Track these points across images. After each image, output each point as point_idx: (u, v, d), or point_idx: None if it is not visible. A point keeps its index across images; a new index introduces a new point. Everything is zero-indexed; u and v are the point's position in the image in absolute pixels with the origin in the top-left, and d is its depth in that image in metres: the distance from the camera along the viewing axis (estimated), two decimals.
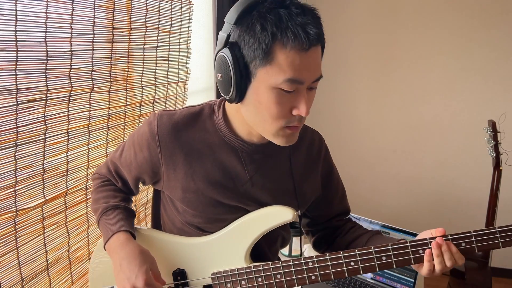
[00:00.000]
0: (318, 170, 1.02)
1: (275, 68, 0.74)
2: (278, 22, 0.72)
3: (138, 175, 0.97)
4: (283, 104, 0.78)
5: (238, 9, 0.75)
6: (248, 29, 0.74)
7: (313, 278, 0.86)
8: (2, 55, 1.03)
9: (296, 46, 0.72)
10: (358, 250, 0.84)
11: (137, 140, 0.94)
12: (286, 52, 0.72)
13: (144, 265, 0.86)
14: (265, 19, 0.72)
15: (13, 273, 1.12)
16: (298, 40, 0.72)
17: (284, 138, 0.83)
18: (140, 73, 1.65)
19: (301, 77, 0.75)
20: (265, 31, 0.72)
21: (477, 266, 2.05)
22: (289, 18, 0.72)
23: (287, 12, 0.72)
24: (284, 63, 0.73)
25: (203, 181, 0.90)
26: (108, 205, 0.98)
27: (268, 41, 0.72)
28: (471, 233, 0.80)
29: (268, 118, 0.79)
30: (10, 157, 1.08)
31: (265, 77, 0.75)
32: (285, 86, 0.75)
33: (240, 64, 0.76)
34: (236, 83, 0.77)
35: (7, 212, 1.09)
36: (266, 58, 0.73)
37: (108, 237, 0.92)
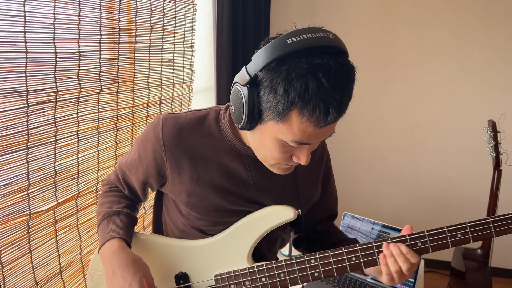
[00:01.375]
0: (319, 175, 1.03)
1: (286, 128, 0.73)
2: (302, 93, 0.68)
3: (145, 180, 0.96)
4: (285, 152, 0.79)
5: (268, 56, 0.71)
6: (271, 84, 0.71)
7: (316, 275, 0.86)
8: (12, 56, 1.03)
9: (312, 121, 0.70)
10: (359, 246, 0.85)
11: (142, 144, 0.93)
12: (300, 120, 0.71)
13: (138, 273, 0.85)
14: (290, 84, 0.68)
15: (27, 276, 1.12)
16: (315, 117, 0.70)
17: (280, 169, 0.85)
18: (146, 74, 1.65)
19: (309, 141, 0.75)
20: (287, 96, 0.69)
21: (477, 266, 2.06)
22: (315, 92, 0.68)
23: (316, 85, 0.68)
24: (296, 129, 0.72)
25: (208, 185, 0.90)
26: (110, 210, 0.97)
27: (286, 106, 0.70)
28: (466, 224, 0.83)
29: (269, 157, 0.82)
30: (22, 159, 1.08)
31: (274, 129, 0.75)
32: (291, 143, 0.76)
33: (255, 108, 0.75)
34: (247, 121, 0.76)
35: (21, 216, 1.09)
36: (281, 117, 0.72)
37: (102, 243, 0.92)
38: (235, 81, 0.79)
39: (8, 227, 1.05)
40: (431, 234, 0.83)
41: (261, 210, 0.92)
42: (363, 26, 2.86)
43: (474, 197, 2.82)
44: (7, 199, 1.04)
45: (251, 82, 0.74)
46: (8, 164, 1.04)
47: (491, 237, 0.82)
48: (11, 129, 1.04)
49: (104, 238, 0.92)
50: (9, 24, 1.01)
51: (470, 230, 0.82)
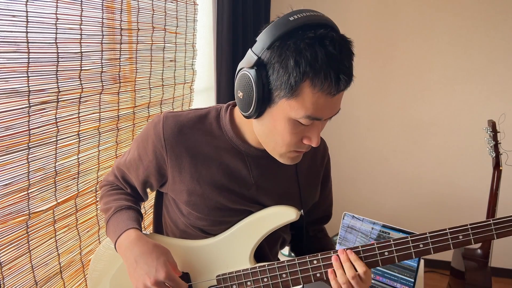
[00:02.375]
0: (319, 176, 1.04)
1: (298, 103, 0.73)
2: (312, 62, 0.69)
3: (146, 179, 0.96)
4: (297, 134, 0.78)
5: (274, 33, 0.72)
6: (280, 59, 0.72)
7: (318, 275, 0.87)
8: (14, 56, 1.03)
9: (324, 90, 0.71)
10: (361, 247, 0.85)
11: (143, 143, 0.93)
12: (313, 92, 0.72)
13: (161, 257, 0.85)
14: (300, 55, 0.70)
15: (26, 276, 1.13)
16: (327, 85, 0.71)
17: (289, 159, 0.84)
18: (148, 74, 1.65)
19: (320, 115, 0.75)
20: (298, 67, 0.70)
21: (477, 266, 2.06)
22: (325, 60, 0.69)
23: (324, 52, 0.69)
24: (308, 101, 0.73)
25: (209, 184, 0.90)
26: (121, 204, 0.97)
27: (298, 78, 0.71)
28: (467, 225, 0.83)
29: (280, 142, 0.81)
30: (23, 159, 1.08)
31: (286, 108, 0.75)
32: (303, 121, 0.75)
33: (264, 89, 0.75)
34: (256, 105, 0.76)
35: (20, 216, 1.09)
36: (292, 92, 0.72)
37: (119, 234, 0.91)
38: (240, 67, 0.79)
39: (7, 227, 1.05)
40: (432, 235, 0.83)
41: (264, 210, 0.93)
42: (363, 26, 2.86)
43: (474, 197, 2.82)
44: (6, 199, 1.04)
45: (258, 64, 0.75)
46: (9, 164, 1.04)
47: (492, 239, 0.83)
48: (12, 129, 1.04)
49: (119, 230, 0.92)
50: (11, 24, 1.01)
51: (471, 232, 0.82)
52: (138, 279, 0.85)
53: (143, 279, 0.83)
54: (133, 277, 0.86)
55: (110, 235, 0.96)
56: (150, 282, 0.82)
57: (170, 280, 0.83)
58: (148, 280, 0.83)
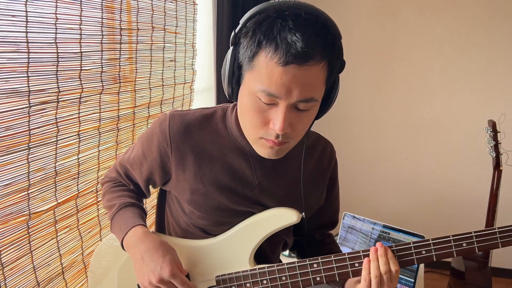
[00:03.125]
0: (325, 180, 1.03)
1: (255, 75, 0.74)
2: (267, 31, 0.71)
3: (149, 176, 0.96)
4: (260, 113, 0.77)
5: (250, 13, 0.75)
6: (245, 33, 0.75)
7: (318, 279, 0.86)
8: (14, 56, 1.03)
9: (274, 59, 0.70)
10: (362, 252, 0.85)
11: (147, 140, 0.93)
12: (265, 61, 0.71)
13: (167, 255, 0.85)
14: (259, 26, 0.72)
15: (29, 277, 1.12)
16: (277, 53, 0.70)
17: (263, 149, 0.82)
18: (148, 74, 1.65)
19: (276, 91, 0.72)
20: (254, 37, 0.72)
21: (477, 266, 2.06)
22: (280, 30, 0.70)
23: (282, 24, 0.70)
24: (263, 72, 0.72)
25: (212, 184, 0.90)
26: (125, 201, 0.97)
27: (253, 47, 0.73)
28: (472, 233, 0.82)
29: (247, 123, 0.81)
30: (23, 160, 1.08)
31: (248, 81, 0.76)
32: (261, 96, 0.74)
33: (234, 65, 0.78)
34: (229, 81, 0.79)
35: (20, 216, 1.08)
36: (251, 63, 0.74)
37: (126, 231, 0.91)
38: None
39: (7, 227, 1.05)
40: (435, 242, 0.82)
41: (265, 212, 0.92)
42: (363, 26, 2.86)
43: (474, 197, 2.82)
44: (7, 199, 1.04)
45: (234, 42, 0.78)
46: (9, 164, 1.04)
47: (496, 247, 0.81)
48: (12, 129, 1.04)
49: (126, 227, 0.92)
50: (11, 24, 1.00)
51: (476, 240, 0.81)
52: (143, 276, 0.85)
53: (148, 276, 0.84)
54: (139, 274, 0.87)
55: (116, 232, 0.96)
56: (155, 279, 0.83)
57: (174, 278, 0.83)
58: (153, 277, 0.83)
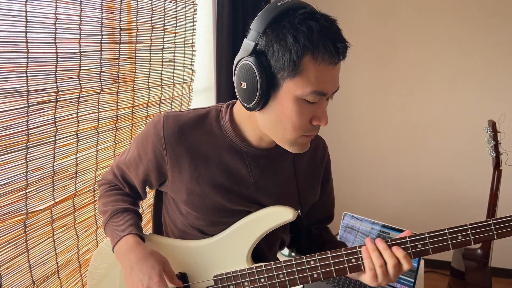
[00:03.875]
0: (319, 176, 1.03)
1: (303, 80, 0.74)
2: (310, 35, 0.72)
3: (145, 178, 0.96)
4: (305, 114, 0.79)
5: (266, 18, 0.75)
6: (278, 39, 0.73)
7: (315, 276, 0.86)
8: (13, 56, 1.03)
9: (326, 60, 0.73)
10: (358, 248, 0.85)
11: (142, 142, 0.93)
12: (316, 65, 0.73)
13: (157, 266, 0.85)
14: (297, 30, 0.72)
15: (24, 275, 1.13)
16: (328, 54, 0.73)
17: (300, 146, 0.84)
18: (147, 74, 1.65)
19: (326, 89, 0.76)
20: (297, 42, 0.72)
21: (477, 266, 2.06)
22: (320, 32, 0.72)
23: (318, 25, 0.72)
24: (312, 76, 0.74)
25: (208, 184, 0.90)
26: (118, 207, 0.97)
27: (300, 53, 0.72)
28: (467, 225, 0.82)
29: (289, 127, 0.80)
30: (21, 159, 1.08)
31: (291, 88, 0.76)
32: (310, 98, 0.76)
33: (267, 73, 0.75)
34: (262, 93, 0.76)
35: (18, 215, 1.09)
36: (296, 69, 0.73)
37: (117, 240, 0.91)
38: (238, 59, 0.80)
39: (4, 226, 1.05)
40: (431, 236, 0.83)
41: (261, 210, 0.92)
42: (363, 25, 2.86)
43: (474, 197, 2.82)
44: (4, 199, 1.05)
45: (256, 50, 0.76)
46: (7, 163, 1.04)
47: (492, 239, 0.82)
48: (11, 129, 1.04)
49: (118, 235, 0.92)
50: (10, 24, 1.01)
51: (471, 232, 0.82)
52: (132, 286, 0.86)
53: (137, 286, 0.84)
54: (128, 283, 0.87)
55: (109, 238, 0.96)
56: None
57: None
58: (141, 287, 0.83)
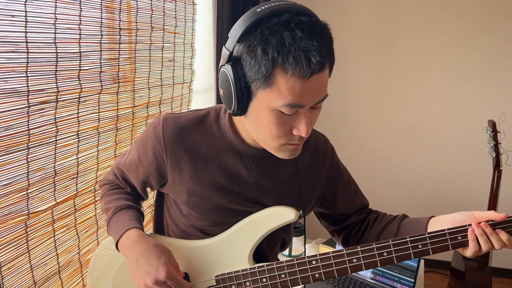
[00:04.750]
0: (323, 171, 1.02)
1: (275, 92, 0.72)
2: (280, 47, 0.68)
3: (145, 179, 0.96)
4: (283, 125, 0.77)
5: (242, 26, 0.72)
6: (249, 50, 0.72)
7: (317, 276, 0.86)
8: (13, 56, 1.03)
9: (296, 74, 0.69)
10: (360, 247, 0.85)
11: (142, 144, 0.93)
12: (286, 78, 0.70)
13: (162, 257, 0.85)
14: (267, 42, 0.69)
15: (25, 276, 1.13)
16: (299, 68, 0.69)
17: (286, 152, 0.83)
18: (147, 74, 1.65)
19: (301, 102, 0.73)
20: (266, 55, 0.69)
21: (477, 266, 2.06)
22: (292, 43, 0.68)
23: (291, 36, 0.68)
24: (284, 88, 0.71)
25: (209, 185, 0.89)
26: (121, 204, 0.97)
27: (268, 65, 0.70)
28: None
29: (268, 136, 0.79)
30: (22, 159, 1.08)
31: (265, 99, 0.74)
32: (284, 110, 0.74)
33: (241, 83, 0.74)
34: (237, 100, 0.76)
35: (19, 216, 1.09)
36: (267, 81, 0.71)
37: (120, 234, 0.91)
38: (220, 65, 0.79)
39: (6, 227, 1.05)
40: (431, 236, 0.83)
41: (262, 211, 0.92)
42: (363, 26, 2.86)
43: (474, 197, 2.82)
44: (6, 199, 1.05)
45: (232, 58, 0.75)
46: (9, 164, 1.04)
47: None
48: (12, 129, 1.04)
49: (121, 230, 0.92)
50: (10, 24, 1.01)
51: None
52: (139, 279, 0.85)
53: (144, 278, 0.84)
54: (135, 277, 0.86)
55: (112, 235, 0.96)
56: (151, 281, 0.82)
57: (170, 279, 0.83)
58: (148, 279, 0.83)
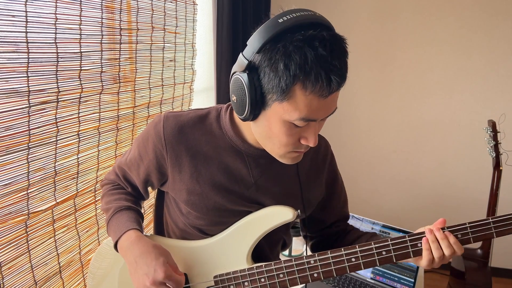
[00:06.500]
0: (323, 176, 1.02)
1: (291, 106, 0.73)
2: (302, 64, 0.69)
3: (146, 178, 0.97)
4: (293, 135, 0.78)
5: (263, 36, 0.72)
6: (270, 63, 0.72)
7: (315, 275, 0.86)
8: (14, 56, 1.03)
9: (316, 92, 0.71)
10: (358, 246, 0.85)
11: (143, 142, 0.93)
12: (305, 94, 0.71)
13: (161, 258, 0.85)
14: (289, 58, 0.69)
15: (26, 276, 1.13)
16: (319, 87, 0.70)
17: (290, 159, 0.84)
18: (148, 74, 1.65)
19: (315, 116, 0.75)
20: (288, 71, 0.70)
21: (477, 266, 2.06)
22: (315, 61, 0.69)
23: (314, 54, 0.69)
24: (301, 104, 0.72)
25: (208, 184, 0.90)
26: (121, 205, 0.98)
27: (289, 81, 0.70)
28: (466, 224, 0.83)
29: (277, 144, 0.81)
30: (23, 159, 1.08)
31: (279, 110, 0.75)
32: (298, 123, 0.75)
33: (256, 93, 0.75)
34: (250, 109, 0.76)
35: (19, 215, 1.09)
36: (284, 95, 0.72)
37: (119, 235, 0.92)
38: (233, 71, 0.79)
39: (6, 227, 1.05)
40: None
41: (260, 210, 0.92)
42: (363, 26, 2.86)
43: (474, 197, 2.82)
44: (6, 199, 1.05)
45: (249, 67, 0.75)
46: (9, 164, 1.04)
47: (491, 237, 0.82)
48: (12, 129, 1.04)
49: (120, 231, 0.92)
50: (10, 24, 1.01)
51: (470, 230, 0.82)
52: (138, 280, 0.86)
53: (143, 279, 0.84)
54: (134, 278, 0.87)
55: (111, 236, 0.96)
56: (149, 282, 0.83)
57: (169, 280, 0.83)
58: (147, 280, 0.83)
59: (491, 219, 0.82)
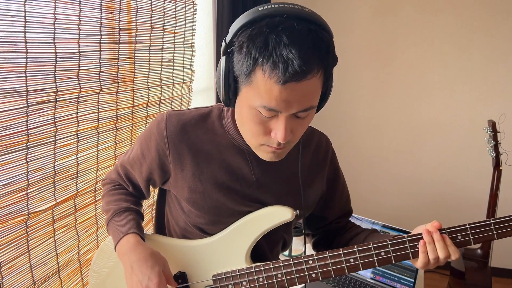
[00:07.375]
0: (324, 173, 1.02)
1: (254, 91, 0.73)
2: (262, 48, 0.69)
3: (149, 176, 0.97)
4: (261, 124, 0.77)
5: (240, 22, 0.74)
6: (238, 47, 0.73)
7: (313, 276, 0.86)
8: (12, 56, 1.03)
9: (273, 77, 0.69)
10: (357, 247, 0.85)
11: (146, 140, 0.94)
12: (264, 79, 0.71)
13: (156, 267, 0.86)
14: (253, 42, 0.70)
15: (25, 276, 1.13)
16: (275, 72, 0.69)
17: (265, 153, 0.83)
18: (146, 74, 1.65)
19: (277, 107, 0.73)
20: (249, 54, 0.71)
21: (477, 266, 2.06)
22: (276, 46, 0.68)
23: (276, 39, 0.68)
24: (262, 89, 0.72)
25: (210, 182, 0.90)
26: (120, 206, 0.98)
27: (249, 64, 0.71)
28: (466, 225, 0.82)
29: (248, 132, 0.81)
30: (21, 159, 1.08)
31: (246, 95, 0.75)
32: (261, 111, 0.74)
33: (230, 76, 0.77)
34: (225, 92, 0.78)
35: (19, 216, 1.09)
36: (248, 78, 0.73)
37: (118, 239, 0.92)
38: None
39: (6, 227, 1.05)
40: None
41: (259, 210, 0.92)
42: (363, 26, 2.86)
43: (474, 197, 2.82)
44: (5, 199, 1.05)
45: (226, 51, 0.76)
46: (8, 164, 1.05)
47: (492, 239, 0.81)
48: (10, 129, 1.04)
49: (119, 234, 0.93)
50: (9, 24, 1.01)
51: (470, 232, 0.81)
52: (131, 286, 0.87)
53: (136, 286, 0.85)
54: (128, 283, 0.88)
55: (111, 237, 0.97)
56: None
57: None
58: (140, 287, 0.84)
59: (492, 220, 0.81)
